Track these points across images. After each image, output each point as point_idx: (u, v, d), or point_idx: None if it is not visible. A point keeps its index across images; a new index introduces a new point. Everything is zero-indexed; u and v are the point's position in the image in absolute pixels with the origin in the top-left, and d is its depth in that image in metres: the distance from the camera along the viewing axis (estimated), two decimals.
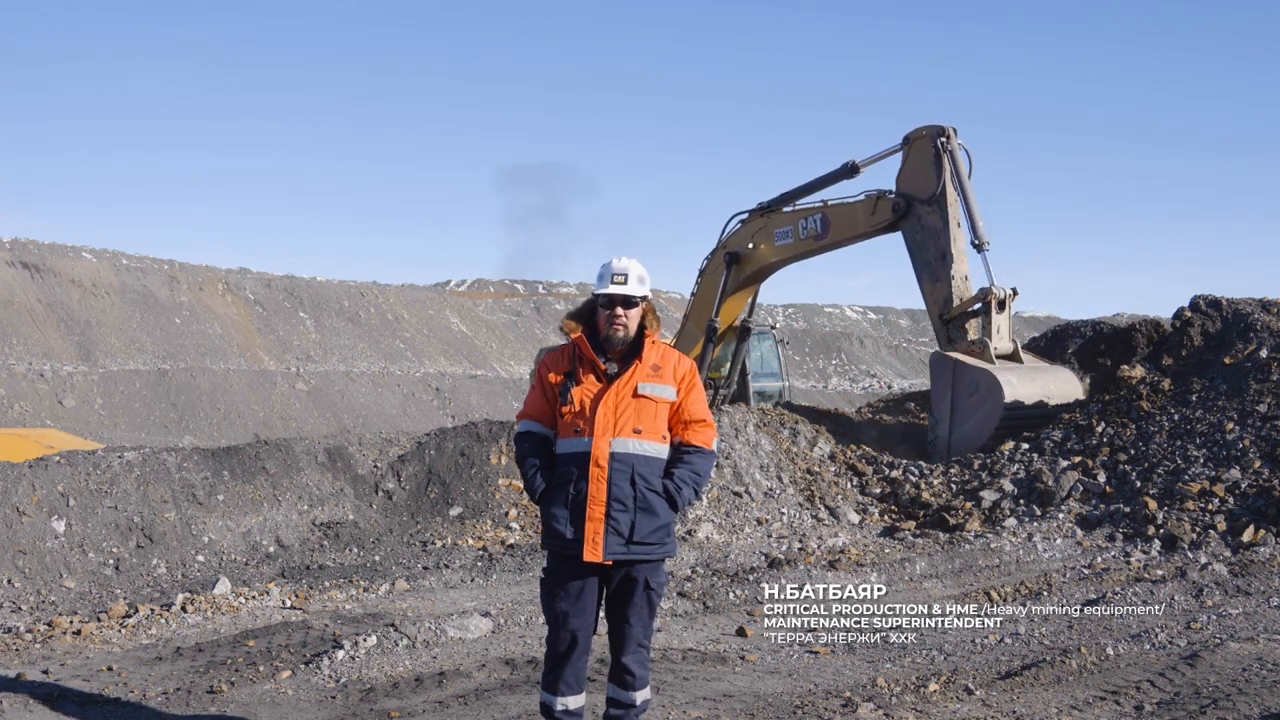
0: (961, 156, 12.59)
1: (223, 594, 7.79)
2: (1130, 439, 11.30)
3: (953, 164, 12.50)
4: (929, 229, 12.66)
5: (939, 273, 12.61)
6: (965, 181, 12.45)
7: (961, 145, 12.62)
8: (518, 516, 10.40)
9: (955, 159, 12.52)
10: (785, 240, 14.14)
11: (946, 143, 12.54)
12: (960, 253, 12.53)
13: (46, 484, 9.10)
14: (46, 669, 5.95)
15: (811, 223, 13.81)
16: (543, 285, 62.49)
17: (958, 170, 12.48)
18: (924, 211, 12.68)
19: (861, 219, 13.35)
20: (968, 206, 12.36)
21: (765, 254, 14.36)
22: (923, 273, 12.87)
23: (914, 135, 12.90)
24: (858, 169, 13.43)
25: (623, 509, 4.19)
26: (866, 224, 13.30)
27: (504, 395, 40.47)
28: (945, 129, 12.60)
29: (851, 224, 13.50)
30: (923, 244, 12.77)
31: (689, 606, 7.56)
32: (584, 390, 4.29)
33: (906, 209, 12.83)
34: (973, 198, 12.40)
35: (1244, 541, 8.92)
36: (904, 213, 12.85)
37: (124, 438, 27.54)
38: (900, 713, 5.06)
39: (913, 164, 12.87)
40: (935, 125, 12.69)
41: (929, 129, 12.72)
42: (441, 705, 5.30)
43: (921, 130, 12.80)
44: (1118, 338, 13.65)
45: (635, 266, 4.33)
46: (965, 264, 12.57)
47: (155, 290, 38.38)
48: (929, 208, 12.61)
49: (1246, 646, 5.91)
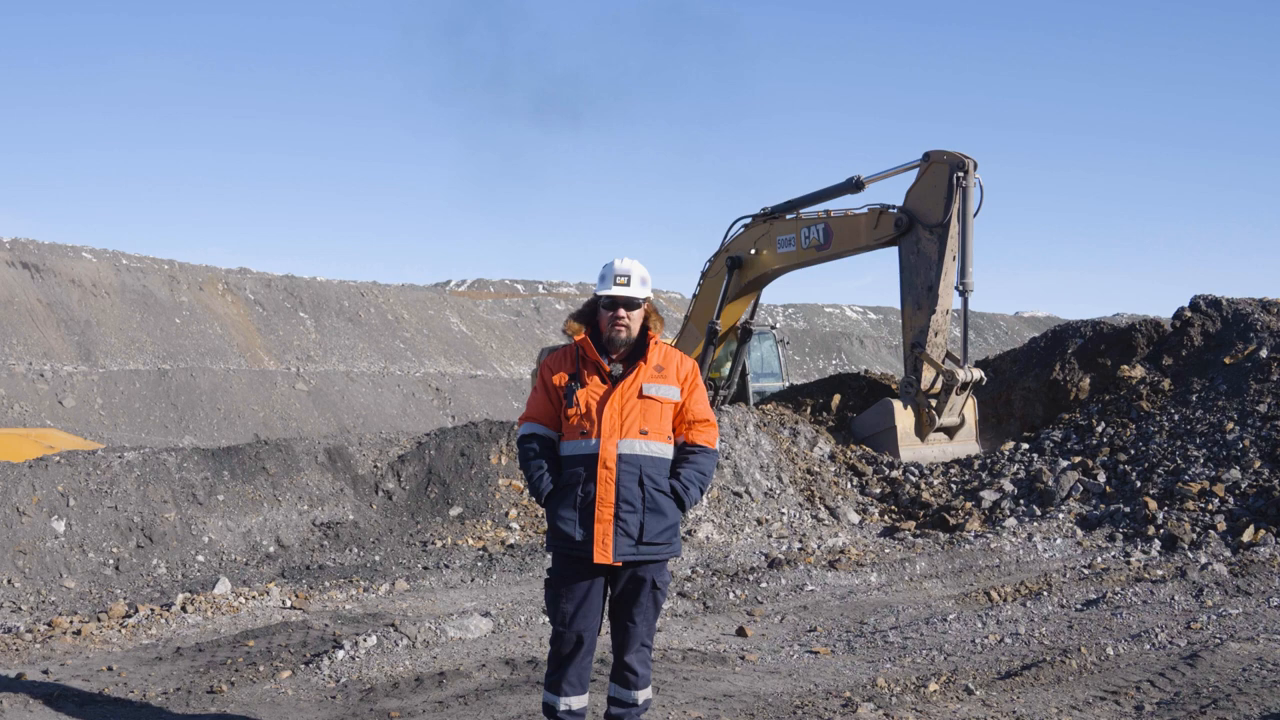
0: (975, 193, 12.27)
1: (223, 594, 7.78)
2: (1130, 439, 11.30)
3: (963, 199, 12.22)
4: (924, 256, 12.50)
5: (921, 302, 12.51)
6: (969, 219, 12.20)
7: (979, 181, 12.29)
8: (518, 516, 10.40)
9: (967, 195, 12.22)
10: (788, 248, 14.10)
11: (964, 177, 12.21)
12: (949, 288, 12.36)
13: (46, 484, 9.10)
14: (46, 669, 5.95)
15: (814, 232, 13.76)
16: (543, 285, 62.48)
17: (965, 206, 12.21)
18: (924, 237, 12.51)
19: (864, 232, 13.27)
20: (964, 246, 12.13)
21: (768, 260, 14.33)
22: (907, 297, 12.79)
23: (935, 157, 12.58)
24: (862, 185, 13.24)
25: (631, 510, 4.20)
26: (868, 237, 13.20)
27: (504, 395, 40.50)
28: (966, 161, 12.26)
29: (854, 236, 13.42)
30: (914, 268, 12.64)
31: (689, 606, 7.56)
32: (589, 392, 4.29)
33: (909, 227, 12.72)
34: (970, 239, 12.16)
35: (1244, 541, 8.92)
36: (905, 229, 12.76)
37: (124, 438, 27.56)
38: (900, 713, 5.06)
39: (925, 185, 12.64)
40: (957, 154, 12.36)
41: (950, 156, 12.40)
42: (441, 705, 5.30)
43: (943, 155, 12.48)
44: (1118, 338, 13.64)
45: (637, 268, 4.35)
46: (951, 300, 12.41)
47: (155, 290, 38.37)
48: (929, 235, 12.44)
49: (1246, 646, 5.91)
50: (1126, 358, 13.19)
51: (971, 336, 66.45)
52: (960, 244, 12.19)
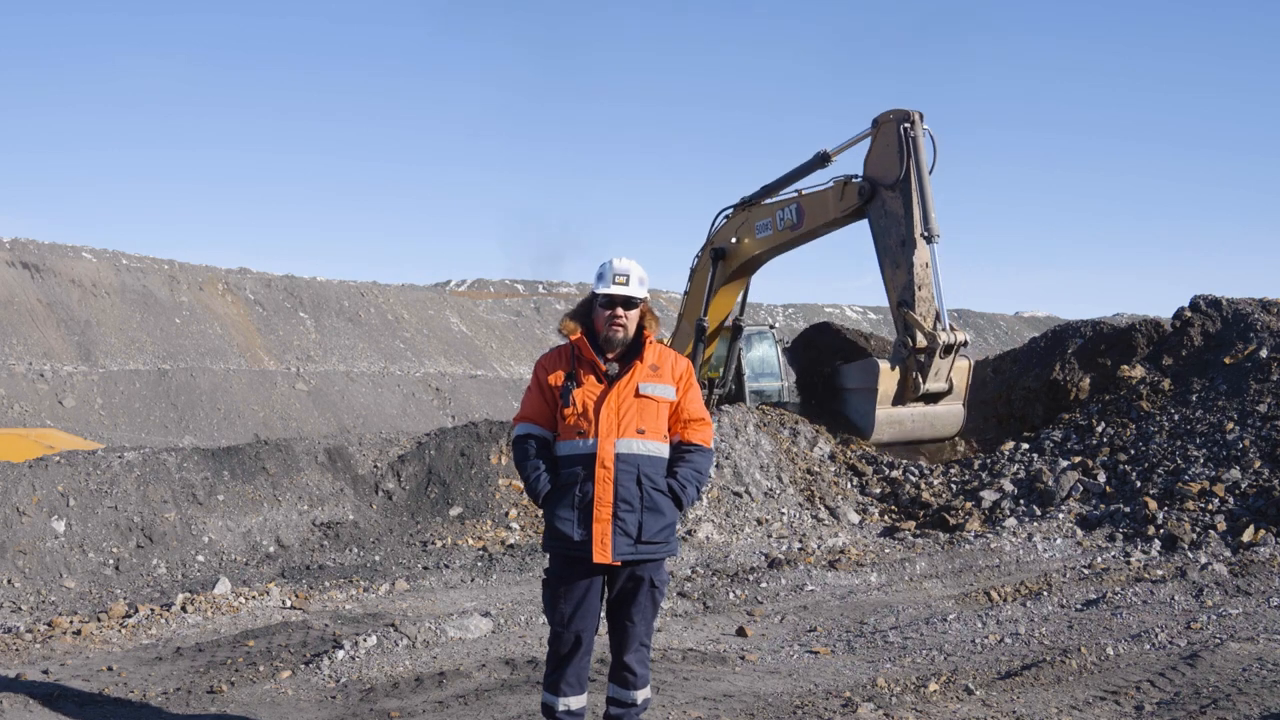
0: (925, 143, 12.47)
1: (223, 594, 7.78)
2: (1130, 439, 11.30)
3: (914, 150, 12.38)
4: (891, 214, 12.61)
5: (899, 259, 12.54)
6: (924, 169, 12.34)
7: (927, 131, 12.51)
8: (518, 516, 10.40)
9: (918, 145, 12.39)
10: (765, 232, 14.20)
11: (911, 128, 12.41)
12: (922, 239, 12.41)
13: (46, 484, 9.10)
14: (46, 669, 5.95)
15: (788, 213, 13.87)
16: (543, 285, 62.45)
17: (918, 157, 12.36)
18: (888, 197, 12.63)
19: (832, 205, 13.37)
20: (922, 195, 12.24)
21: (749, 248, 14.43)
22: (884, 258, 12.81)
23: (881, 119, 12.81)
24: (829, 158, 13.45)
25: (630, 509, 4.20)
26: (836, 209, 13.29)
27: (504, 395, 40.46)
28: (910, 114, 12.48)
29: (823, 211, 13.52)
30: (885, 229, 12.73)
31: (689, 606, 7.56)
32: (586, 392, 4.28)
33: (872, 193, 12.80)
34: (928, 187, 12.29)
35: (1244, 541, 8.92)
36: (870, 197, 12.82)
37: (124, 438, 27.55)
38: (900, 713, 5.06)
39: (879, 148, 12.81)
40: (901, 110, 12.58)
41: (895, 113, 12.62)
42: (441, 705, 5.30)
43: (889, 114, 12.71)
44: (1118, 338, 13.63)
45: (636, 267, 4.34)
46: (926, 251, 12.42)
47: (155, 290, 38.35)
48: (892, 193, 12.54)
49: (1246, 646, 5.91)
50: (1126, 358, 13.18)
51: (972, 336, 66.59)
52: (919, 193, 12.27)
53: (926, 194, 12.28)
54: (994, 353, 17.74)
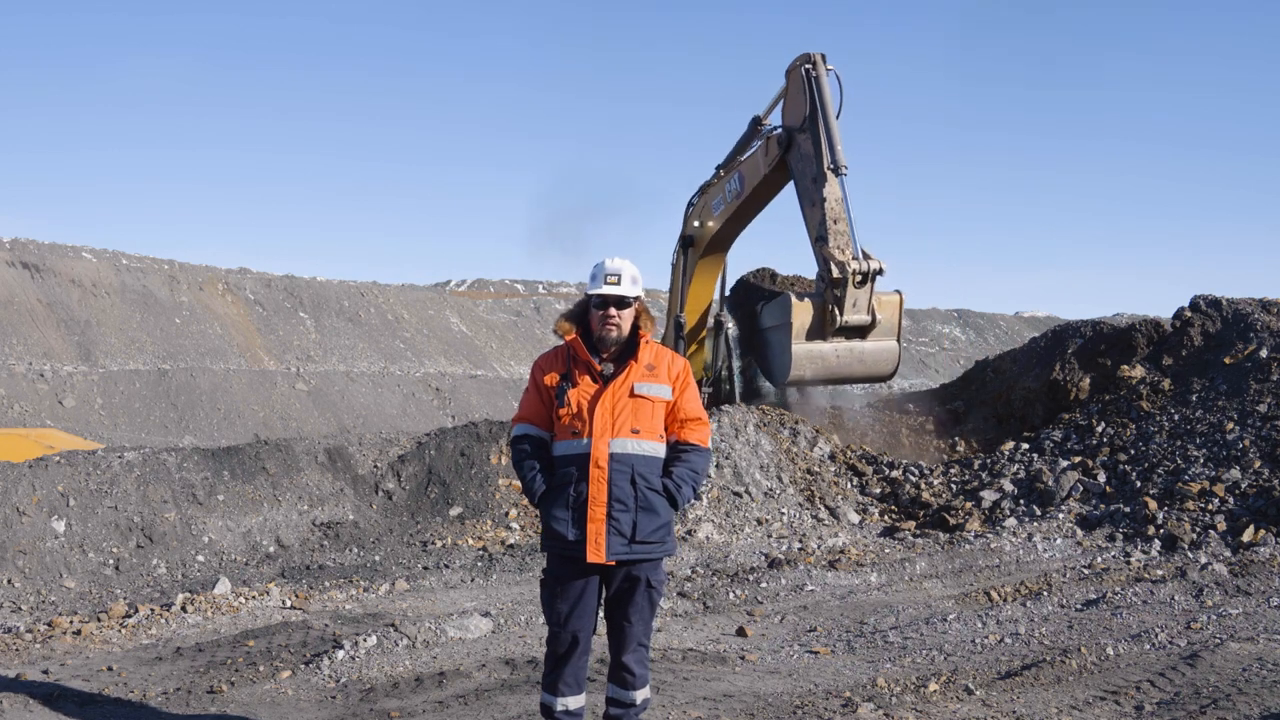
0: (830, 82, 12.48)
1: (223, 594, 7.78)
2: (1130, 439, 11.30)
3: (819, 89, 12.38)
4: (804, 156, 12.61)
5: (814, 198, 12.48)
6: (828, 107, 12.33)
7: (831, 70, 12.52)
8: (518, 516, 10.40)
9: (821, 84, 12.40)
10: (720, 208, 14.34)
11: (813, 69, 12.46)
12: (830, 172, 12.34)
13: (46, 484, 9.10)
14: (46, 669, 5.95)
15: (733, 182, 14.01)
16: (543, 285, 62.47)
17: (822, 95, 12.36)
18: (800, 139, 12.64)
19: (761, 163, 13.43)
20: (828, 130, 12.23)
21: (710, 228, 14.55)
22: (803, 199, 12.77)
23: (790, 68, 12.87)
24: (761, 120, 13.53)
25: (624, 509, 4.20)
26: (765, 165, 13.32)
27: (504, 395, 40.44)
28: (813, 55, 12.54)
29: (755, 171, 13.58)
30: (802, 172, 12.72)
31: (689, 606, 7.56)
32: (580, 392, 4.29)
33: (789, 141, 12.82)
34: (833, 122, 12.27)
35: (1244, 541, 8.92)
36: (789, 145, 12.84)
37: (124, 438, 27.54)
38: (900, 713, 5.06)
39: (790, 96, 12.90)
40: (805, 54, 12.66)
41: (799, 58, 12.70)
42: (441, 705, 5.30)
43: (796, 61, 12.78)
44: (1118, 338, 13.64)
45: (629, 267, 4.34)
46: (837, 186, 12.33)
47: (155, 290, 38.35)
48: (804, 134, 12.56)
49: (1246, 646, 5.91)
50: (1126, 358, 13.19)
51: (971, 336, 65.94)
52: (825, 128, 12.26)
53: (832, 129, 12.28)
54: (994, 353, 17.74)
